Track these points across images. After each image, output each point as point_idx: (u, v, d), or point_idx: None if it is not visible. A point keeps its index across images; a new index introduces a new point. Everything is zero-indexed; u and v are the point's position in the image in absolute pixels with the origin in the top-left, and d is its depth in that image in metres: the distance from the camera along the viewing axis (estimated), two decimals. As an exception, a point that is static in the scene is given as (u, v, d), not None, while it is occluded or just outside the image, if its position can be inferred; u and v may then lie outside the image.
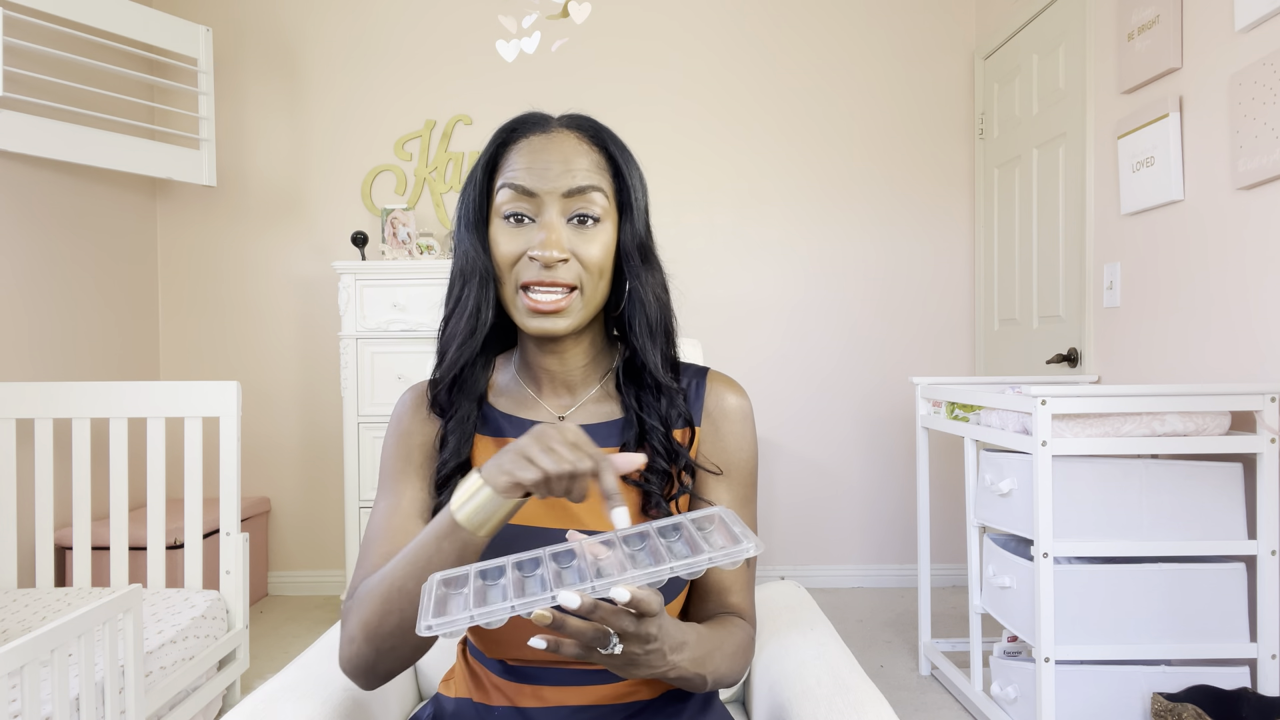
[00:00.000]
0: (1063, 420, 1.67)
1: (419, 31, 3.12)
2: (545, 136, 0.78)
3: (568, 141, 0.78)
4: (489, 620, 0.58)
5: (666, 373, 0.82)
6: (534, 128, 0.79)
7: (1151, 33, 2.01)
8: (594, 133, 0.80)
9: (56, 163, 2.52)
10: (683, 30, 3.13)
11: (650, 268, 0.82)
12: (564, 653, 0.61)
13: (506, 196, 0.77)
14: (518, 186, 0.76)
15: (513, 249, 0.77)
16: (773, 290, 3.16)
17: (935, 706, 2.11)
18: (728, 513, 0.65)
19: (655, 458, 0.80)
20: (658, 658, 0.64)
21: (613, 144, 0.81)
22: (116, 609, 1.39)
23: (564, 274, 0.75)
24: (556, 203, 0.76)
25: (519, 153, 0.78)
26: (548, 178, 0.76)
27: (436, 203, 3.10)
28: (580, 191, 0.76)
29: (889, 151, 3.13)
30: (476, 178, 0.80)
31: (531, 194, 0.76)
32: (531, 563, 0.64)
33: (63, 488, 2.35)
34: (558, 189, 0.76)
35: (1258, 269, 1.73)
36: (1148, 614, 1.67)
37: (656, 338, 0.82)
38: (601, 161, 0.79)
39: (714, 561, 0.60)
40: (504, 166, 0.79)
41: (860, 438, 3.17)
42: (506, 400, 0.86)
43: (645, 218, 0.83)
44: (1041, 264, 2.62)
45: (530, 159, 0.77)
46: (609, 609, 0.58)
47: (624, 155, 0.81)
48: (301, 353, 3.14)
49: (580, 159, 0.77)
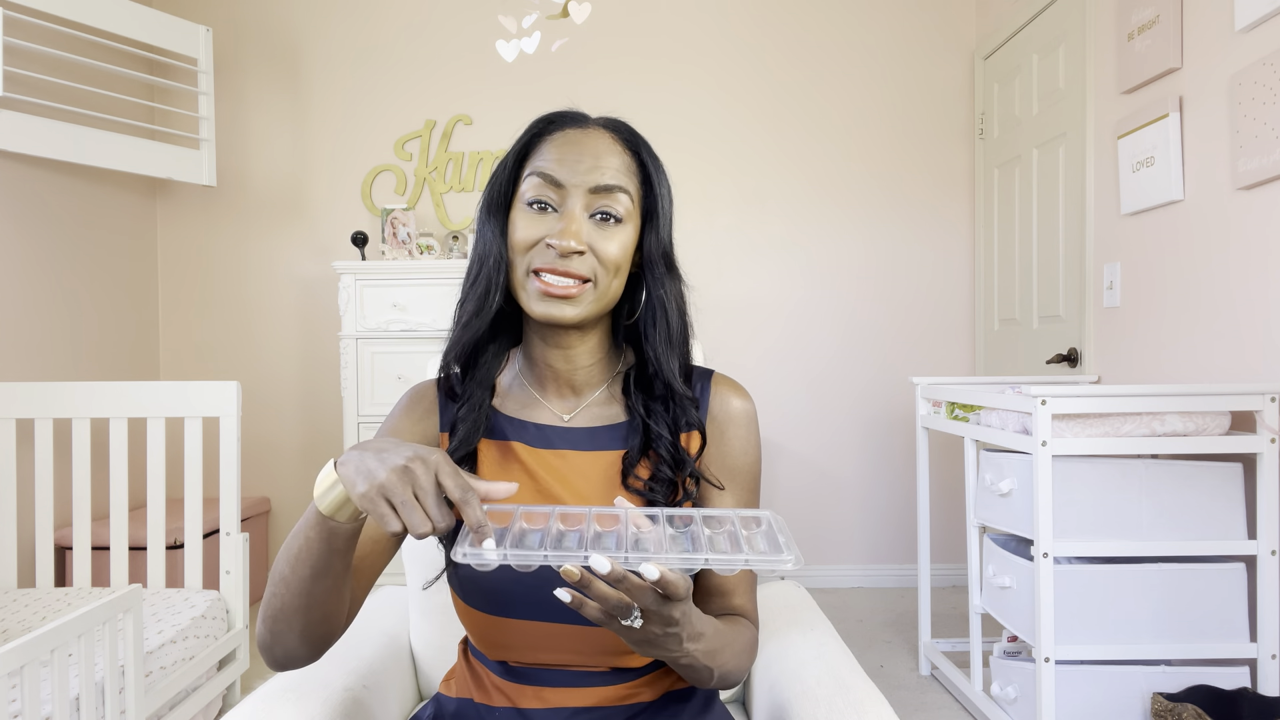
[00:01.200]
0: (1063, 420, 1.67)
1: (419, 31, 3.12)
2: (581, 131, 0.79)
3: (602, 140, 0.79)
4: (521, 563, 0.58)
5: (680, 382, 0.82)
6: (570, 122, 0.81)
7: (1151, 33, 2.01)
8: (629, 136, 0.82)
9: (56, 163, 2.51)
10: (682, 30, 3.13)
11: (673, 277, 0.83)
12: (584, 613, 0.61)
13: (533, 184, 0.77)
14: (546, 175, 0.77)
15: (531, 234, 0.77)
16: (772, 290, 3.16)
17: (935, 706, 2.11)
18: (777, 519, 0.65)
19: (661, 465, 0.80)
20: (674, 642, 0.64)
21: (645, 151, 0.82)
22: (116, 609, 1.39)
23: (578, 265, 0.75)
24: (582, 196, 0.76)
25: (552, 144, 0.79)
26: (577, 171, 0.76)
27: (436, 203, 3.10)
28: (607, 189, 0.77)
29: (889, 151, 3.13)
30: (508, 164, 0.81)
31: (559, 184, 0.76)
32: (574, 517, 0.64)
33: (63, 488, 2.35)
34: (585, 183, 0.76)
35: (1258, 269, 1.73)
36: (1148, 614, 1.67)
37: (675, 347, 0.82)
38: (632, 165, 0.80)
39: (750, 564, 0.59)
40: (535, 155, 0.80)
41: (860, 438, 3.17)
42: (510, 402, 0.86)
43: (670, 228, 0.83)
44: (1041, 264, 2.62)
45: (562, 151, 0.78)
46: (637, 583, 0.58)
47: (655, 163, 0.82)
48: (301, 353, 3.14)
49: (612, 158, 0.78)
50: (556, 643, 0.78)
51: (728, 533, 0.63)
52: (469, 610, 0.80)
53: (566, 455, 0.82)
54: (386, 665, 1.08)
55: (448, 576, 0.83)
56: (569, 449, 0.82)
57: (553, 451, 0.82)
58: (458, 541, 0.59)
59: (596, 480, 0.81)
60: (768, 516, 0.65)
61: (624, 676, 0.81)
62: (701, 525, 0.64)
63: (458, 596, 0.81)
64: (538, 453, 0.82)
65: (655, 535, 0.62)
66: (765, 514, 0.66)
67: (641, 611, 0.61)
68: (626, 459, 0.81)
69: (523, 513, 0.65)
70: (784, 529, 0.63)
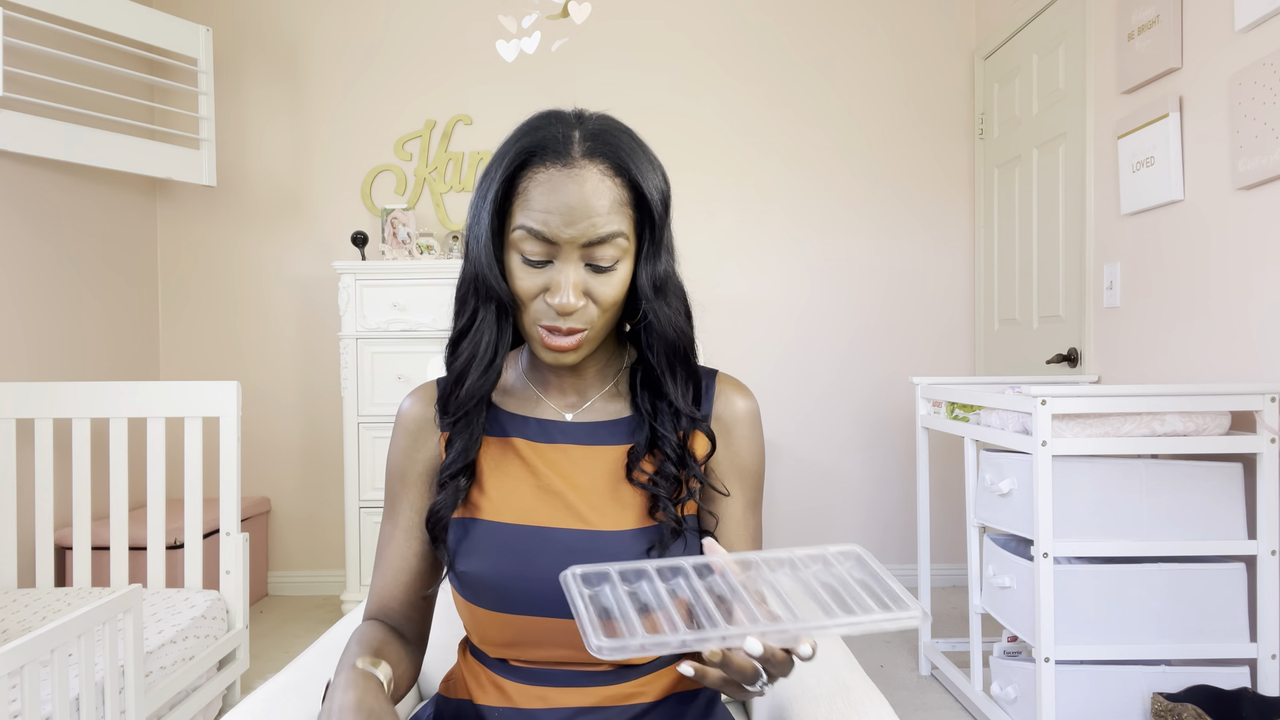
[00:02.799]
0: (1063, 420, 1.67)
1: (419, 31, 3.12)
2: (565, 173, 0.73)
3: (589, 179, 0.73)
4: (660, 651, 0.55)
5: (687, 397, 0.81)
6: (553, 157, 0.74)
7: (1151, 33, 2.01)
8: (617, 161, 0.75)
9: (56, 163, 2.51)
10: (683, 29, 3.13)
11: (666, 300, 0.80)
12: (708, 681, 0.59)
13: (523, 236, 0.74)
14: (537, 233, 0.73)
15: (532, 287, 0.75)
16: (773, 290, 3.16)
17: (935, 706, 2.11)
18: (866, 554, 0.62)
19: (666, 462, 0.80)
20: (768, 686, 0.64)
21: (635, 169, 0.75)
22: (116, 609, 1.39)
23: (578, 320, 0.75)
24: (575, 251, 0.74)
25: (538, 188, 0.73)
26: (566, 229, 0.73)
27: (436, 203, 3.10)
28: (600, 241, 0.74)
29: (889, 151, 3.13)
30: (492, 195, 0.76)
31: (550, 241, 0.73)
32: (671, 571, 0.61)
33: (63, 488, 2.35)
34: (577, 240, 0.73)
35: (1258, 269, 1.73)
36: (1148, 614, 1.67)
37: (675, 366, 0.81)
38: (624, 196, 0.75)
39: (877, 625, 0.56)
40: (521, 199, 0.74)
41: (860, 437, 3.17)
42: (512, 400, 0.86)
43: (668, 243, 0.80)
44: (1041, 264, 2.62)
45: (549, 199, 0.73)
46: (782, 658, 0.57)
47: (646, 179, 0.76)
48: (301, 353, 3.14)
49: (602, 199, 0.73)
50: (561, 638, 0.77)
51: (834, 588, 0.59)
52: (470, 607, 0.80)
53: (568, 450, 0.82)
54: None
55: (448, 575, 0.83)
56: (571, 444, 0.82)
57: (553, 446, 0.82)
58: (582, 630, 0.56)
59: (599, 474, 0.81)
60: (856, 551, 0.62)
61: (627, 675, 0.80)
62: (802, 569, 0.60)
63: (458, 594, 0.81)
64: (538, 447, 0.82)
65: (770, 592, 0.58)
66: (853, 549, 0.62)
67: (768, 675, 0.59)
68: (632, 453, 0.81)
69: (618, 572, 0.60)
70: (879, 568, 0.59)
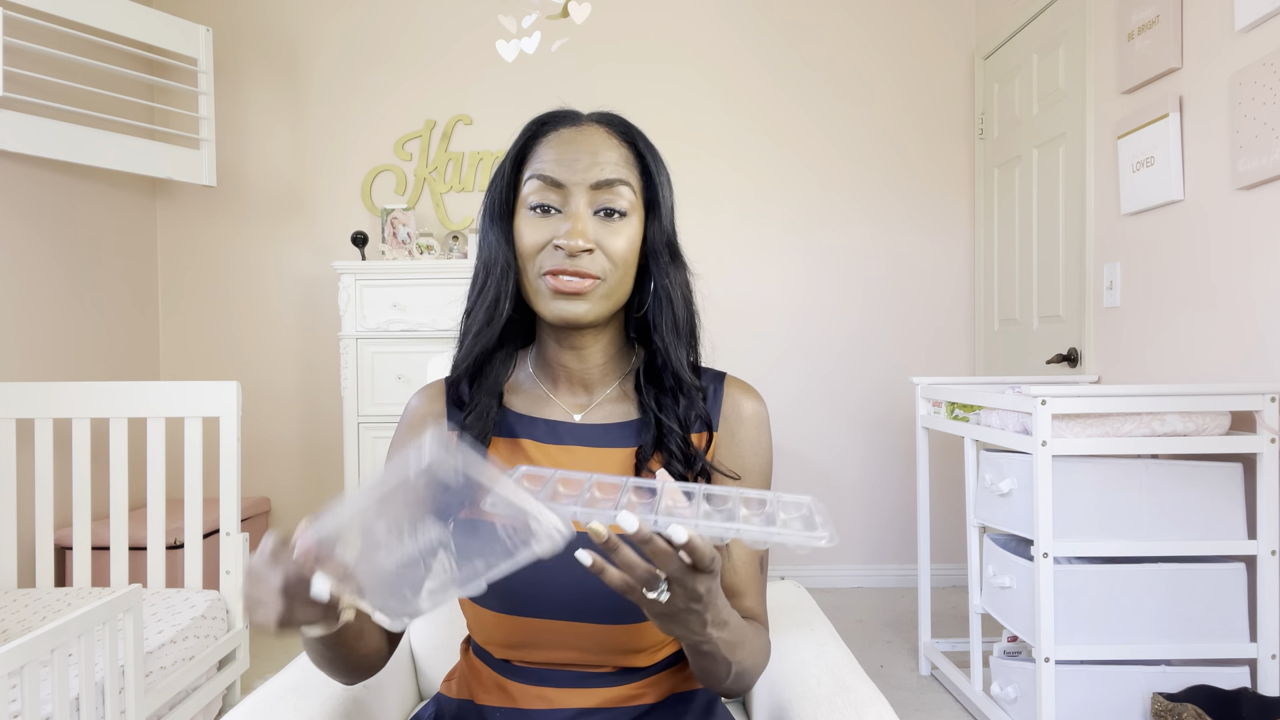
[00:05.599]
0: (1063, 420, 1.67)
1: (419, 31, 3.12)
2: (575, 130, 0.79)
3: (597, 135, 0.79)
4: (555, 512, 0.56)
5: (688, 372, 0.82)
6: (564, 121, 0.80)
7: (1151, 33, 2.01)
8: (624, 129, 0.81)
9: (56, 162, 2.51)
10: (682, 30, 3.13)
11: (677, 266, 0.83)
12: (607, 578, 0.59)
13: (534, 187, 0.78)
14: (546, 177, 0.77)
15: (538, 238, 0.77)
16: (772, 290, 3.16)
17: (935, 706, 2.11)
18: (817, 504, 0.63)
19: (672, 461, 0.80)
20: (697, 620, 0.63)
21: (641, 142, 0.81)
22: (116, 609, 1.39)
23: (588, 264, 0.76)
24: (584, 194, 0.76)
25: (548, 145, 0.79)
26: (576, 169, 0.76)
27: (436, 203, 3.10)
28: (608, 184, 0.77)
29: (889, 151, 3.13)
30: (505, 170, 0.81)
31: (559, 185, 0.77)
32: (611, 486, 0.63)
33: (63, 488, 2.35)
34: (585, 180, 0.76)
35: (1258, 269, 1.73)
36: (1148, 614, 1.67)
37: (682, 336, 0.82)
38: (630, 157, 0.80)
39: (781, 537, 0.57)
40: (532, 159, 0.79)
41: (860, 437, 3.17)
42: (521, 399, 0.85)
43: (672, 216, 0.83)
44: (1041, 264, 2.62)
45: (559, 151, 0.78)
46: (663, 547, 0.57)
47: (652, 154, 0.82)
48: (301, 353, 3.14)
49: (609, 153, 0.78)
50: (565, 640, 0.77)
51: (764, 513, 0.62)
52: (474, 608, 0.80)
53: (576, 451, 0.82)
54: (387, 665, 1.08)
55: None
56: (579, 445, 0.82)
57: (561, 447, 0.82)
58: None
59: None
60: (808, 501, 0.63)
61: (630, 677, 0.80)
62: (739, 504, 0.62)
63: (462, 594, 0.81)
64: (546, 448, 0.82)
65: (691, 509, 0.60)
66: (806, 499, 0.64)
67: (668, 583, 0.59)
68: (640, 454, 0.80)
69: (560, 478, 0.63)
70: (822, 510, 0.61)
